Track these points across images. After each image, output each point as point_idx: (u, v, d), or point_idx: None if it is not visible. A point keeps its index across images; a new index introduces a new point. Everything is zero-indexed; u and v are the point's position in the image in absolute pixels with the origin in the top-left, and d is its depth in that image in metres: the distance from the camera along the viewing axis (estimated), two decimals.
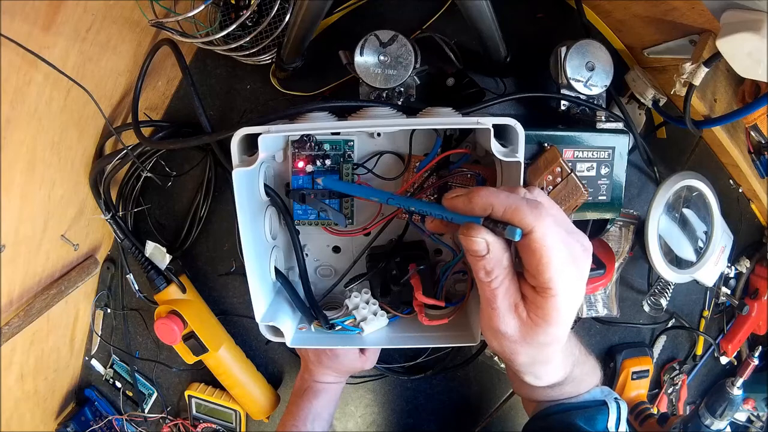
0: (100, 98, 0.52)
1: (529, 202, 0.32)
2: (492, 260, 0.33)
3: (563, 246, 0.32)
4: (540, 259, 0.32)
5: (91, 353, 0.70)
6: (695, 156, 0.65)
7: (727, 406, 0.64)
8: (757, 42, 0.39)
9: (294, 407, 0.58)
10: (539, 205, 0.32)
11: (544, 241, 0.32)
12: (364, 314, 0.49)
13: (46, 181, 0.52)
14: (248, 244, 0.45)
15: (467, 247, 0.34)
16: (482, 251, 0.33)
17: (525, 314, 0.35)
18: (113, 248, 0.67)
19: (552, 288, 0.33)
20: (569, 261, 0.33)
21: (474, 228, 0.33)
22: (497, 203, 0.32)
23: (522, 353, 0.37)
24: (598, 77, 0.52)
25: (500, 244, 0.33)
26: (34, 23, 0.41)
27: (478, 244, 0.33)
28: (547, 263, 0.32)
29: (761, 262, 0.69)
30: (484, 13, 0.43)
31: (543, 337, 0.35)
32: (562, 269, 0.32)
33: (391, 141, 0.52)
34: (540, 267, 0.32)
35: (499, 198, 0.33)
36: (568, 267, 0.33)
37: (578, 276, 0.34)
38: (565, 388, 0.44)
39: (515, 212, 0.32)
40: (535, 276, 0.33)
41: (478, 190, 0.34)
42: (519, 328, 0.35)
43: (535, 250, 0.32)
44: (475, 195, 0.33)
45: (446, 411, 0.72)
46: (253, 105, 0.61)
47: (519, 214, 0.32)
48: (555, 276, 0.32)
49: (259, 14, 0.51)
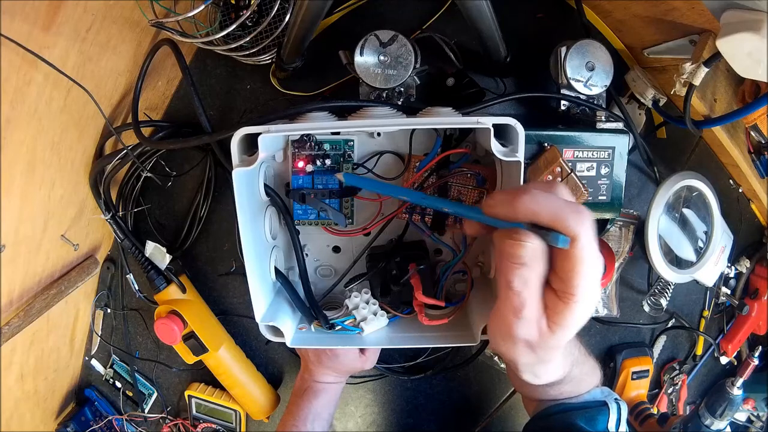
0: (100, 98, 0.52)
1: (571, 206, 0.31)
2: (534, 269, 0.32)
3: (596, 253, 0.32)
4: (575, 266, 0.31)
5: (91, 353, 0.70)
6: (695, 156, 0.65)
7: (727, 406, 0.64)
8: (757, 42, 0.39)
9: (294, 407, 0.58)
10: (582, 209, 0.31)
11: (585, 249, 0.31)
12: (364, 314, 0.49)
13: (46, 181, 0.52)
14: (248, 244, 0.45)
15: (510, 251, 0.32)
16: (526, 257, 0.31)
17: (545, 321, 0.34)
18: (113, 248, 0.67)
19: (576, 294, 0.32)
20: (596, 268, 0.32)
21: (523, 232, 0.31)
22: (542, 210, 0.31)
23: (528, 355, 0.36)
24: (598, 77, 0.52)
25: (544, 252, 0.32)
26: (34, 23, 0.41)
27: (525, 249, 0.31)
28: (581, 271, 0.31)
29: (761, 262, 0.69)
30: (484, 13, 0.43)
31: (555, 341, 0.34)
32: (590, 277, 0.32)
33: (391, 141, 0.52)
34: (572, 273, 0.31)
35: (544, 204, 0.31)
36: (594, 275, 0.32)
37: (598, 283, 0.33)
38: (565, 388, 0.44)
39: (560, 218, 0.31)
40: (563, 281, 0.32)
41: (519, 196, 0.32)
42: (538, 335, 0.34)
43: (573, 257, 0.31)
44: (519, 202, 0.32)
45: (446, 411, 0.72)
46: (253, 105, 0.61)
47: (564, 221, 0.30)
48: (583, 283, 0.31)
49: (259, 14, 0.51)
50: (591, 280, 0.32)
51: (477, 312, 0.50)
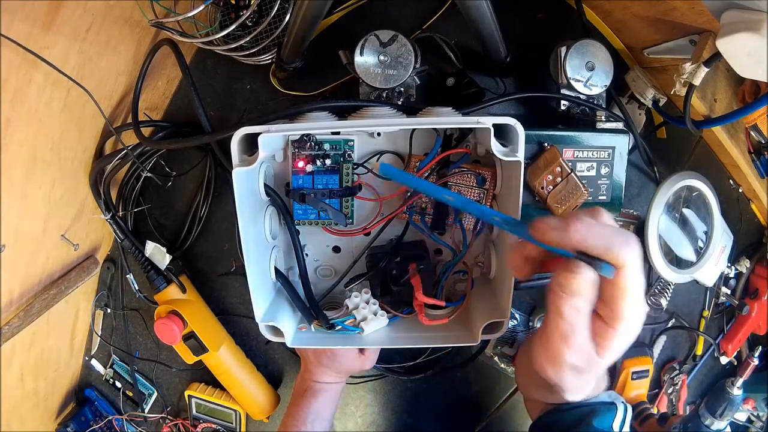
0: (100, 98, 0.52)
1: (620, 234, 0.32)
2: (585, 299, 0.32)
3: (641, 278, 0.32)
4: (622, 294, 0.32)
5: (91, 353, 0.70)
6: (695, 156, 0.65)
7: (727, 406, 0.64)
8: (757, 42, 0.39)
9: (294, 407, 0.58)
10: (630, 238, 0.32)
11: (632, 277, 0.31)
12: (364, 314, 0.49)
13: (46, 181, 0.52)
14: (248, 244, 0.45)
15: (565, 284, 0.32)
16: (581, 290, 0.32)
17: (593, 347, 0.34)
18: (113, 248, 0.67)
19: (624, 319, 0.32)
20: (641, 294, 0.33)
21: (577, 264, 0.32)
22: (591, 237, 0.31)
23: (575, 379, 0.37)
24: (598, 77, 0.52)
25: (595, 281, 0.32)
26: (34, 23, 0.41)
27: (580, 282, 0.32)
28: (627, 297, 0.32)
29: (761, 262, 0.69)
30: (484, 13, 0.43)
31: (602, 365, 0.35)
32: (636, 302, 0.32)
33: (391, 141, 0.52)
34: (619, 300, 0.32)
35: (594, 231, 0.31)
36: (640, 300, 0.33)
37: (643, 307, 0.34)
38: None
39: (610, 248, 0.31)
40: (610, 307, 0.32)
41: (575, 223, 0.32)
42: (586, 360, 0.34)
43: (620, 285, 0.31)
44: (573, 229, 0.31)
45: (446, 411, 0.72)
46: (253, 105, 0.61)
47: (614, 250, 0.31)
48: (630, 309, 0.32)
49: (259, 14, 0.51)
50: (637, 306, 0.32)
51: (477, 312, 0.50)
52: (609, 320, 0.33)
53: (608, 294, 0.32)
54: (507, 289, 0.46)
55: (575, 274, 0.31)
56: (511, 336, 0.66)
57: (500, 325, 0.47)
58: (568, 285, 0.32)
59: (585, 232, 0.31)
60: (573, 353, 0.34)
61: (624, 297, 0.32)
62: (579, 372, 0.35)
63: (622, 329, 0.33)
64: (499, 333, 0.47)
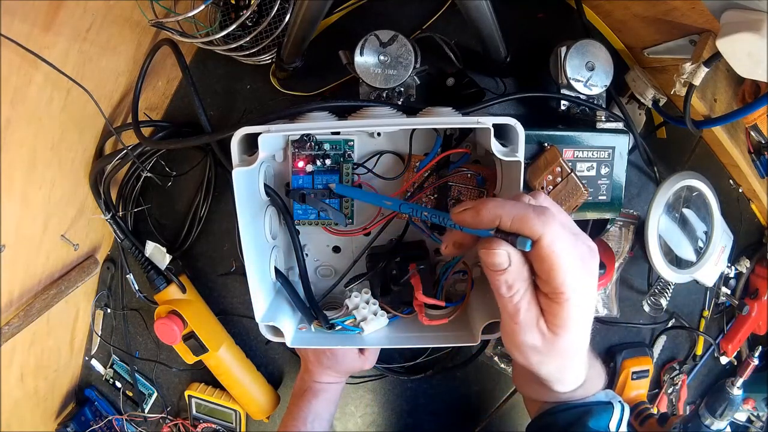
0: (100, 98, 0.52)
1: (535, 209, 0.32)
2: (513, 273, 0.33)
3: (572, 249, 0.33)
4: (551, 265, 0.32)
5: (91, 353, 0.70)
6: (695, 156, 0.65)
7: (727, 406, 0.64)
8: (757, 42, 0.39)
9: (294, 407, 0.58)
10: (546, 210, 0.32)
11: (553, 246, 0.32)
12: (364, 314, 0.49)
13: (46, 181, 0.52)
14: (248, 244, 0.45)
15: (487, 261, 0.33)
16: (503, 264, 0.33)
17: (545, 325, 0.34)
18: (113, 248, 0.67)
19: (564, 292, 0.33)
20: (579, 264, 0.33)
21: (494, 241, 0.33)
22: (504, 214, 0.32)
23: (548, 363, 0.37)
24: (598, 77, 0.52)
25: (519, 256, 0.33)
26: (34, 23, 0.41)
27: (499, 257, 0.33)
28: (558, 268, 0.32)
29: (761, 262, 0.69)
30: (484, 13, 0.43)
31: (565, 344, 0.35)
32: (573, 272, 0.32)
33: (391, 141, 0.52)
34: (552, 272, 0.32)
35: (506, 208, 0.33)
36: (578, 270, 0.33)
37: (588, 277, 0.34)
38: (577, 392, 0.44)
39: (523, 221, 0.32)
40: (547, 282, 0.33)
41: (485, 203, 0.33)
42: (542, 339, 0.35)
43: (545, 257, 0.32)
44: (483, 207, 0.33)
45: (446, 411, 0.72)
46: (253, 105, 0.61)
47: (527, 223, 0.32)
48: (567, 279, 0.32)
49: (259, 14, 0.51)
50: (574, 276, 0.32)
51: (477, 312, 0.50)
52: (551, 295, 0.33)
53: (539, 269, 0.33)
54: None
55: (491, 250, 0.33)
56: None
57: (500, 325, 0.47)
58: (489, 261, 0.33)
59: (495, 209, 0.33)
60: (523, 332, 0.35)
61: (555, 268, 0.32)
62: (539, 352, 0.36)
63: (568, 302, 0.33)
64: (499, 333, 0.47)
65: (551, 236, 0.31)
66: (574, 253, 0.33)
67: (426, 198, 0.52)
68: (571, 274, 0.32)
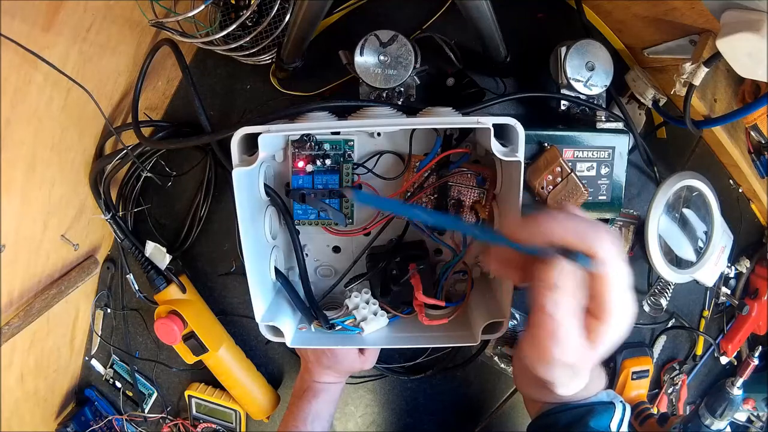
0: (100, 98, 0.52)
1: (591, 225, 0.32)
2: (564, 290, 0.32)
3: (622, 266, 0.32)
4: (604, 283, 0.32)
5: (91, 353, 0.70)
6: (695, 156, 0.65)
7: (727, 406, 0.64)
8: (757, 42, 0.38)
9: (294, 407, 0.58)
10: (600, 227, 0.32)
11: (609, 264, 0.31)
12: (364, 314, 0.50)
13: (46, 181, 0.52)
14: (248, 244, 0.45)
15: (546, 278, 0.32)
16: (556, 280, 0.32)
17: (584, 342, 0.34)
18: (113, 248, 0.67)
19: (611, 310, 0.32)
20: (625, 282, 0.33)
21: (555, 258, 0.32)
22: (564, 232, 0.32)
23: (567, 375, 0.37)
24: (598, 77, 0.52)
25: (575, 274, 0.32)
26: (34, 23, 0.41)
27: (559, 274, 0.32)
28: (610, 286, 0.32)
29: (761, 262, 0.69)
30: (484, 13, 0.43)
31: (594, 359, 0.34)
32: (621, 291, 0.32)
33: (391, 141, 0.52)
34: (603, 290, 0.32)
35: (565, 225, 0.32)
36: (625, 288, 0.32)
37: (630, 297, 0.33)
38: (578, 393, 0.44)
39: (583, 238, 0.31)
40: (595, 299, 0.32)
41: (543, 218, 0.32)
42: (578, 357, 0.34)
43: (601, 275, 0.31)
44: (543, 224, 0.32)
45: (446, 411, 0.72)
46: (253, 105, 0.60)
47: (587, 240, 0.31)
48: (616, 298, 0.32)
49: (259, 14, 0.51)
50: (623, 296, 0.32)
51: (477, 312, 0.50)
52: (597, 313, 0.33)
53: (593, 287, 0.32)
54: (507, 289, 0.46)
55: (552, 266, 0.32)
56: (511, 336, 0.66)
57: (500, 325, 0.47)
58: (547, 279, 0.32)
59: (555, 226, 0.32)
60: (561, 350, 0.33)
61: (608, 287, 0.32)
62: (570, 368, 0.35)
63: (612, 321, 0.33)
64: (499, 333, 0.47)
65: (608, 253, 0.31)
66: (623, 271, 0.32)
67: (426, 198, 0.52)
68: (619, 292, 0.32)
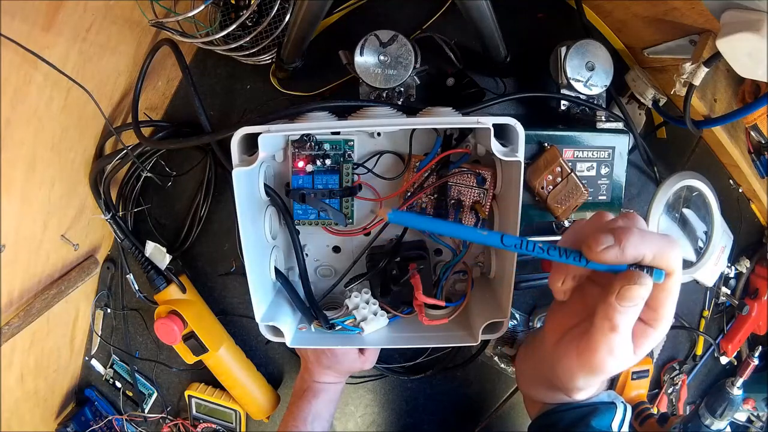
0: (100, 98, 0.52)
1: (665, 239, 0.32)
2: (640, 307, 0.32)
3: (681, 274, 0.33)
4: (668, 295, 0.32)
5: (91, 353, 0.70)
6: (695, 156, 0.65)
7: (727, 406, 0.64)
8: (757, 42, 0.39)
9: (294, 407, 0.58)
10: (672, 240, 0.32)
11: (678, 278, 0.32)
12: (364, 314, 0.50)
13: (46, 181, 0.52)
14: (248, 244, 0.45)
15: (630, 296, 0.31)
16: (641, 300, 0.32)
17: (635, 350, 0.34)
18: (113, 248, 0.67)
19: (666, 318, 0.33)
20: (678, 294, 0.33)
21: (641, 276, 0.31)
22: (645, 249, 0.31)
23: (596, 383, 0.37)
24: (598, 77, 0.52)
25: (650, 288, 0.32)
26: (34, 23, 0.41)
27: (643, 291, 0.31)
28: (674, 298, 0.32)
29: (761, 262, 0.69)
30: (484, 13, 0.43)
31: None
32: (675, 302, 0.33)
33: (391, 141, 0.52)
34: (666, 302, 0.33)
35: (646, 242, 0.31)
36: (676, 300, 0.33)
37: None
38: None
39: (664, 255, 0.31)
40: (656, 310, 0.33)
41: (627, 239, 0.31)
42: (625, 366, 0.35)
43: (668, 287, 0.32)
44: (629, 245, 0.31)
45: (446, 411, 0.72)
46: (253, 105, 0.60)
47: (665, 257, 0.31)
48: (671, 309, 0.33)
49: (259, 14, 0.51)
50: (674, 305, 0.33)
51: (477, 312, 0.50)
52: (651, 322, 0.34)
53: (655, 298, 0.32)
54: (507, 289, 0.46)
55: (639, 285, 0.31)
56: (511, 336, 0.66)
57: (500, 325, 0.47)
58: (631, 296, 0.31)
59: (639, 245, 0.31)
60: (616, 362, 0.34)
61: (669, 299, 0.32)
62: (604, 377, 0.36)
63: (663, 329, 0.34)
64: (499, 333, 0.47)
65: (680, 269, 0.32)
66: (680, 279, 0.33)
67: (426, 198, 0.52)
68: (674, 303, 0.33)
